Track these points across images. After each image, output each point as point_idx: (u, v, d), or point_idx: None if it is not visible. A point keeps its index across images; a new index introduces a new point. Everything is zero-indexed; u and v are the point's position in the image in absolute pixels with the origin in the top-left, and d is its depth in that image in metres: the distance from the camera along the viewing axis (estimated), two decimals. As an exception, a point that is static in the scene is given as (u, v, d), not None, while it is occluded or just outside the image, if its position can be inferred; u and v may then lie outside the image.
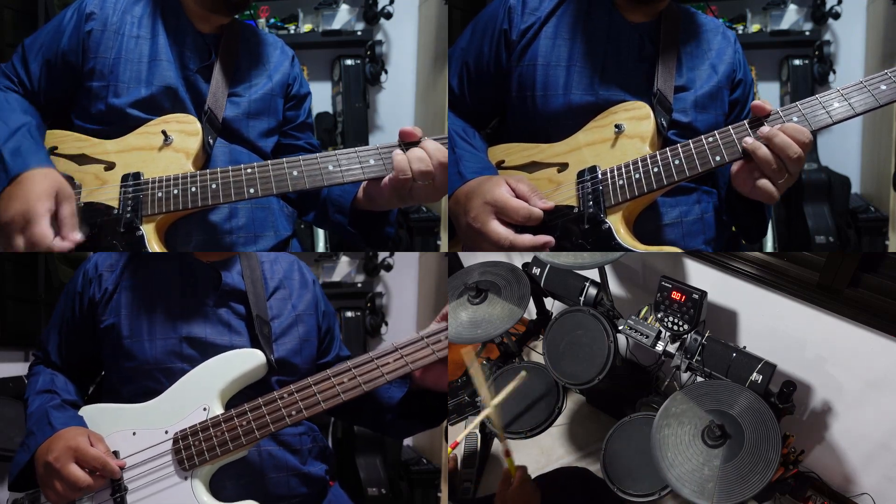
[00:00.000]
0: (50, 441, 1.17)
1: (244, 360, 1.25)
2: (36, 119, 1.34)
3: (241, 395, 1.25)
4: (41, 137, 1.33)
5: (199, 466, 1.16)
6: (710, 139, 1.24)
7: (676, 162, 1.25)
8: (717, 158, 1.23)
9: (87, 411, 1.26)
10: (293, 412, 1.17)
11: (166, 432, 1.20)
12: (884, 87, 1.19)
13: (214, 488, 1.19)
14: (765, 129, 1.20)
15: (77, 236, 1.19)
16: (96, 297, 1.30)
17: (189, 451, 1.17)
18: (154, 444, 1.19)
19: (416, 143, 1.28)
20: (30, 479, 1.20)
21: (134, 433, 1.20)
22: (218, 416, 1.19)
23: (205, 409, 1.20)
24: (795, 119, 1.21)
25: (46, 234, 1.16)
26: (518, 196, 1.27)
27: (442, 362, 1.23)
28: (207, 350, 1.26)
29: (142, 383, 1.25)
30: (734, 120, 1.42)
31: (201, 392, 1.22)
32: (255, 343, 1.28)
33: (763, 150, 1.19)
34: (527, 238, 1.26)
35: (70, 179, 1.29)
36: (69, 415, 1.24)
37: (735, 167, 1.24)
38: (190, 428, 1.19)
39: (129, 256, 1.34)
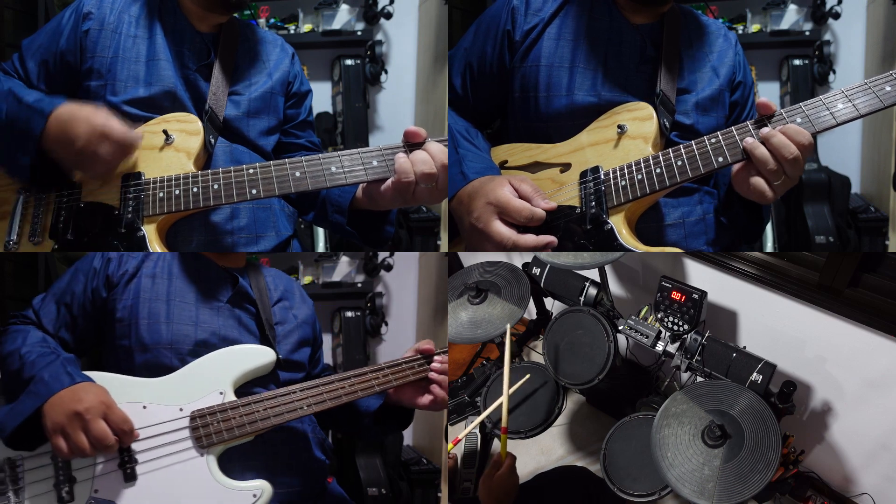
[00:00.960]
0: (76, 390, 1.12)
1: (257, 356, 1.32)
2: None
3: (243, 389, 1.30)
4: None
5: (215, 445, 1.21)
6: (713, 140, 1.24)
7: (679, 163, 1.25)
8: (720, 159, 1.23)
9: (95, 377, 1.21)
10: (304, 406, 1.28)
11: (181, 409, 1.23)
12: (888, 89, 1.18)
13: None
14: (765, 129, 1.20)
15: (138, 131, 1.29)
16: (115, 275, 1.33)
17: (207, 429, 1.21)
18: (169, 420, 1.21)
19: (420, 145, 1.28)
20: (24, 435, 1.12)
21: (145, 406, 1.21)
22: (236, 401, 1.25)
23: (221, 394, 1.26)
24: (799, 120, 1.21)
25: (123, 129, 1.24)
26: (521, 196, 1.27)
27: (414, 384, 1.39)
28: (220, 341, 1.32)
29: (152, 363, 1.28)
30: (733, 121, 1.42)
31: (217, 377, 1.27)
32: (262, 341, 1.36)
33: (761, 150, 1.19)
34: (529, 238, 1.26)
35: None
36: (81, 371, 1.20)
37: (736, 167, 1.24)
38: (208, 408, 1.23)
39: None
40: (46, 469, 1.14)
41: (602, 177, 1.29)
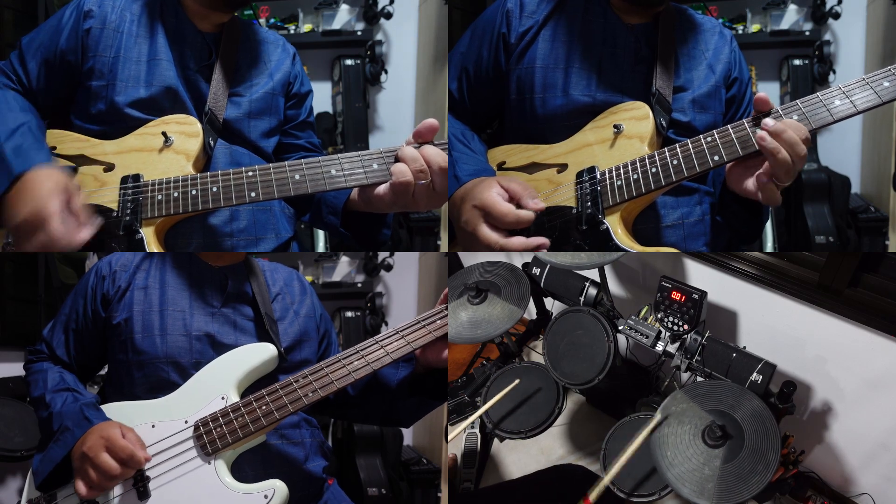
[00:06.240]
0: (86, 434, 1.19)
1: (257, 353, 1.31)
2: (35, 117, 1.32)
3: (250, 390, 1.28)
4: (42, 136, 1.31)
5: (221, 450, 1.20)
6: (709, 139, 1.23)
7: (675, 162, 1.24)
8: (716, 158, 1.22)
9: (106, 409, 1.27)
10: (309, 392, 1.23)
11: (186, 422, 1.23)
12: (886, 84, 1.17)
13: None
14: (771, 123, 1.16)
15: (90, 228, 1.19)
16: (109, 293, 1.34)
17: (210, 435, 1.21)
18: (174, 433, 1.22)
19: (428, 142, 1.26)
20: (55, 478, 1.22)
21: (153, 426, 1.23)
22: (237, 402, 1.24)
23: (223, 399, 1.25)
24: (795, 117, 1.19)
25: (61, 231, 1.16)
26: (510, 196, 1.26)
27: (440, 340, 1.31)
28: (215, 347, 1.31)
29: (151, 376, 1.29)
30: (731, 117, 1.41)
31: (218, 383, 1.27)
32: (262, 339, 1.34)
33: (773, 143, 1.15)
34: (518, 241, 1.26)
35: (73, 170, 1.29)
36: (100, 412, 1.26)
37: (730, 165, 1.23)
38: (210, 415, 1.23)
39: (142, 256, 1.38)
40: (72, 498, 1.21)
41: (598, 177, 1.29)
